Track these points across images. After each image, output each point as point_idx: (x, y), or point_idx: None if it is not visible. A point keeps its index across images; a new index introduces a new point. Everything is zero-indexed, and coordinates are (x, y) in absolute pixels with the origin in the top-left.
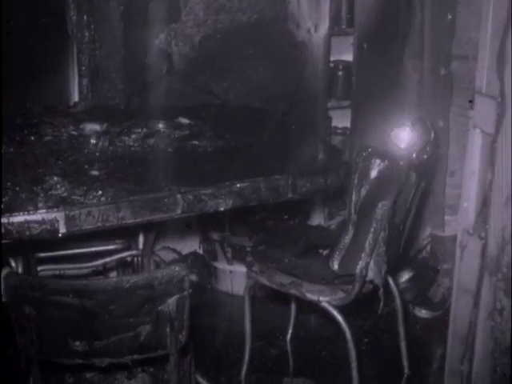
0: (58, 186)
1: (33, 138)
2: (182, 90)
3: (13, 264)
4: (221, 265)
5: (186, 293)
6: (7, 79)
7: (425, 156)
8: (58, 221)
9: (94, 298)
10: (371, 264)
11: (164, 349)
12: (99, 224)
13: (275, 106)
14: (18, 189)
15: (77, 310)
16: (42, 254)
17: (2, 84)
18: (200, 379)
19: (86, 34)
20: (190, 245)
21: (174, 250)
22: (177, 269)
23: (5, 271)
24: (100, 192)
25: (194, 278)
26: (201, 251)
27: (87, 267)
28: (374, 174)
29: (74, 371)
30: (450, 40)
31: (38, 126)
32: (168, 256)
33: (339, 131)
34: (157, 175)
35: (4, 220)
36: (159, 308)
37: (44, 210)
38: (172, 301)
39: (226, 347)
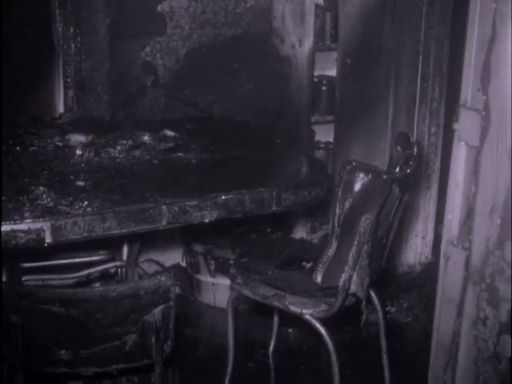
0: (44, 196)
1: (18, 149)
2: (167, 102)
3: None
4: (204, 277)
5: (171, 303)
6: None
7: (408, 170)
8: (44, 230)
9: (80, 307)
10: (354, 277)
11: (149, 358)
12: (85, 234)
13: (260, 120)
14: (3, 198)
15: (63, 319)
16: (27, 264)
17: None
18: None
19: (72, 45)
20: (173, 257)
21: (157, 263)
22: (162, 279)
23: None
24: (86, 202)
25: (176, 290)
26: (183, 264)
27: (71, 278)
28: (357, 187)
29: (59, 380)
30: None
31: (23, 136)
32: (151, 268)
33: (322, 145)
34: (142, 186)
35: None
36: (145, 317)
37: (30, 220)
38: (158, 310)
39: (208, 359)
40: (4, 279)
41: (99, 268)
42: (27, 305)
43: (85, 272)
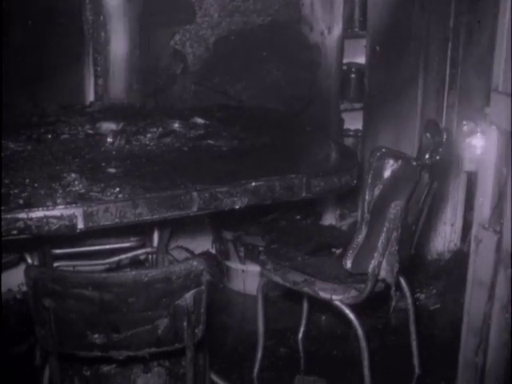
0: (76, 182)
1: (50, 136)
2: (197, 90)
3: (29, 260)
4: (233, 264)
5: (203, 287)
6: (23, 78)
7: (437, 157)
8: (76, 216)
9: (112, 292)
10: (384, 263)
11: (181, 342)
12: (116, 220)
13: (289, 107)
14: (36, 185)
15: (96, 303)
16: (58, 251)
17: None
18: (213, 376)
19: (102, 34)
20: (203, 244)
21: (187, 250)
22: (194, 263)
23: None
24: (117, 189)
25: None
26: (213, 251)
27: (102, 264)
28: (387, 173)
29: (91, 364)
30: None
31: (54, 124)
32: (181, 255)
33: (351, 133)
34: (173, 173)
35: (23, 215)
36: (177, 302)
37: (63, 206)
38: (189, 295)
39: (238, 345)
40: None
41: (130, 254)
42: (60, 289)
43: (115, 258)
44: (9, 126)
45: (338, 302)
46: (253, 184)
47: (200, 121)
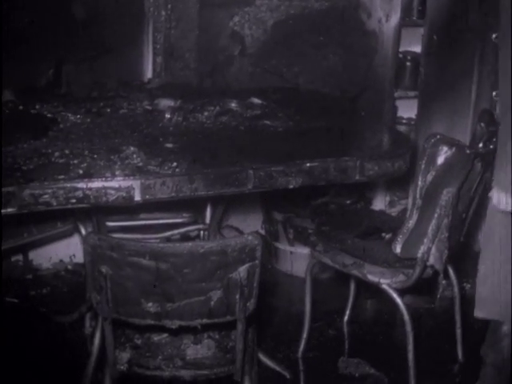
0: (135, 156)
1: (109, 110)
2: (253, 72)
3: (83, 231)
4: (282, 245)
5: (257, 262)
6: (85, 53)
7: (491, 146)
8: (133, 188)
9: (169, 262)
10: (433, 249)
11: (232, 315)
12: (173, 194)
13: (344, 92)
14: (95, 156)
15: (152, 272)
16: (111, 223)
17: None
18: (259, 355)
19: (163, 13)
20: (253, 225)
21: (237, 229)
22: (250, 238)
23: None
24: (175, 164)
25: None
26: (262, 232)
27: (153, 238)
28: (440, 160)
29: (143, 333)
30: None
31: (113, 99)
32: (230, 235)
33: (404, 121)
34: (229, 151)
35: (82, 185)
36: (230, 275)
37: (121, 178)
38: (243, 268)
39: (284, 326)
40: None
41: (182, 230)
42: (118, 257)
43: (167, 233)
44: (69, 99)
45: (385, 286)
46: (307, 165)
47: (257, 101)
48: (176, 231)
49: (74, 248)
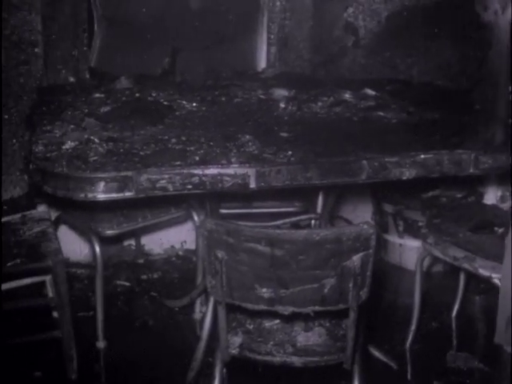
0: (250, 143)
1: (224, 99)
2: (366, 63)
3: (195, 218)
4: (391, 237)
5: (371, 251)
6: (200, 42)
7: None
8: (249, 176)
9: (284, 248)
10: None
11: (345, 303)
12: (287, 182)
13: (458, 85)
14: (211, 143)
15: (267, 258)
16: (224, 211)
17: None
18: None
19: (278, 3)
20: (362, 216)
21: (346, 220)
22: (365, 227)
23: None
24: (289, 152)
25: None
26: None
27: (264, 226)
28: None
29: (255, 318)
30: None
31: (228, 88)
32: (339, 225)
33: None
34: (343, 141)
35: (199, 171)
36: (344, 263)
37: (237, 165)
38: (357, 257)
39: (391, 317)
40: None
41: (294, 219)
42: (234, 242)
43: (278, 222)
44: (184, 88)
45: (496, 281)
46: (422, 156)
47: (370, 92)
48: (288, 220)
49: (185, 234)
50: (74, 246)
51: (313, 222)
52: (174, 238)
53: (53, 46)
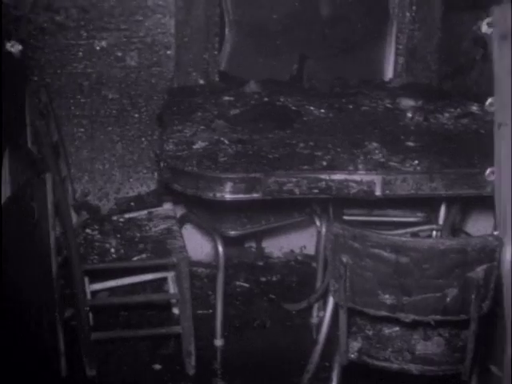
0: (377, 151)
1: (351, 107)
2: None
3: (317, 223)
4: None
5: (495, 263)
6: (328, 50)
7: None
8: (375, 183)
9: (409, 256)
10: None
11: (466, 314)
12: (412, 191)
13: None
14: (338, 150)
15: (391, 265)
16: (347, 217)
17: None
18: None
19: (407, 14)
20: (483, 231)
21: (466, 233)
22: (490, 238)
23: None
24: (416, 161)
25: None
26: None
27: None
28: None
29: (375, 324)
30: None
31: (355, 96)
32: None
33: None
34: (469, 153)
35: (325, 176)
36: (468, 274)
37: (363, 172)
38: (481, 269)
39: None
40: (323, 229)
41: (415, 229)
42: (359, 247)
43: (400, 231)
44: (312, 94)
45: None
46: None
47: None
48: (409, 230)
49: (305, 239)
50: (195, 244)
51: (434, 233)
52: (293, 242)
53: (185, 49)
